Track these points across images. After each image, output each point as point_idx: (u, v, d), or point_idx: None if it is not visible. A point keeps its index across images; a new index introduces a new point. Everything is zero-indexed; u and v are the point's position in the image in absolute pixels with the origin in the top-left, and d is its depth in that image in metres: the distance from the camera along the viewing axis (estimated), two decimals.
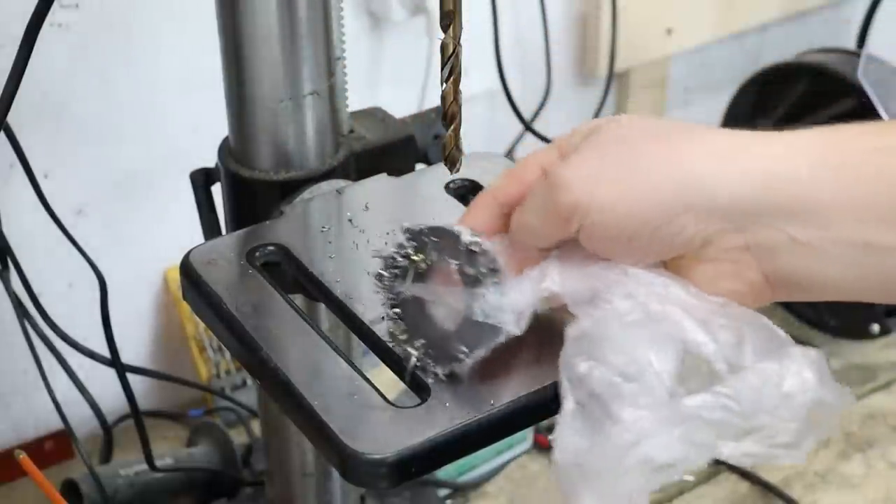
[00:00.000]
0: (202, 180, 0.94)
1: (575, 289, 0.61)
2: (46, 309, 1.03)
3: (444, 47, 0.64)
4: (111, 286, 1.03)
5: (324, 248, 0.78)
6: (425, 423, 0.62)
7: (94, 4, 1.18)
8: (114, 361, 1.04)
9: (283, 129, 0.85)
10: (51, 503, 0.94)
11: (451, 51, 0.64)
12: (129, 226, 1.30)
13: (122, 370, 1.04)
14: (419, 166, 0.95)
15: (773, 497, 1.26)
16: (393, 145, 0.93)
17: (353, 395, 0.64)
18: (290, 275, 0.77)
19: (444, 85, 0.65)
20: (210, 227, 0.95)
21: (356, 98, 0.93)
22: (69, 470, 1.21)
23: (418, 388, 0.65)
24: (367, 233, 0.79)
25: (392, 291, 0.66)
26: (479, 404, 0.64)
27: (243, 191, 0.87)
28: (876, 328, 1.45)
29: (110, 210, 1.28)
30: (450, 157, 0.67)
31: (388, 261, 0.66)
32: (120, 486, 1.13)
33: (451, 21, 0.63)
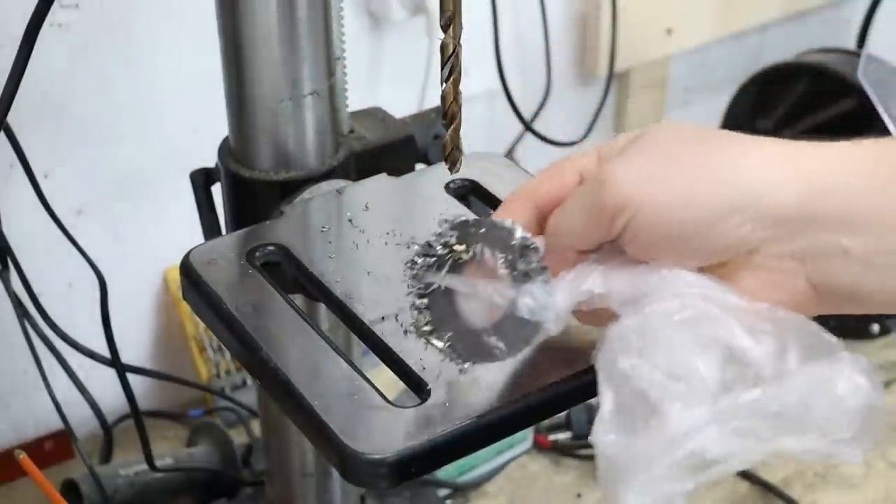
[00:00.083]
0: (202, 180, 0.94)
1: (621, 289, 0.60)
2: (46, 309, 1.03)
3: (444, 47, 0.64)
4: (111, 286, 1.03)
5: (324, 248, 0.78)
6: (425, 423, 0.62)
7: (94, 4, 1.18)
8: (114, 361, 1.04)
9: (283, 129, 0.85)
10: (51, 503, 0.94)
11: (451, 51, 0.64)
12: (129, 226, 1.30)
13: (122, 370, 1.04)
14: (419, 166, 0.95)
15: (773, 497, 1.26)
16: (393, 145, 0.93)
17: (353, 395, 0.64)
18: (290, 275, 0.77)
19: (444, 85, 0.65)
20: (210, 227, 0.95)
21: (356, 98, 0.93)
22: (69, 470, 1.21)
23: (418, 388, 0.65)
24: (367, 233, 0.79)
25: (422, 281, 0.63)
26: (479, 404, 0.64)
27: (243, 191, 0.87)
28: (876, 328, 1.45)
29: (110, 210, 1.28)
30: (450, 157, 0.67)
31: (425, 248, 0.64)
32: (120, 486, 1.13)
33: (451, 21, 0.63)
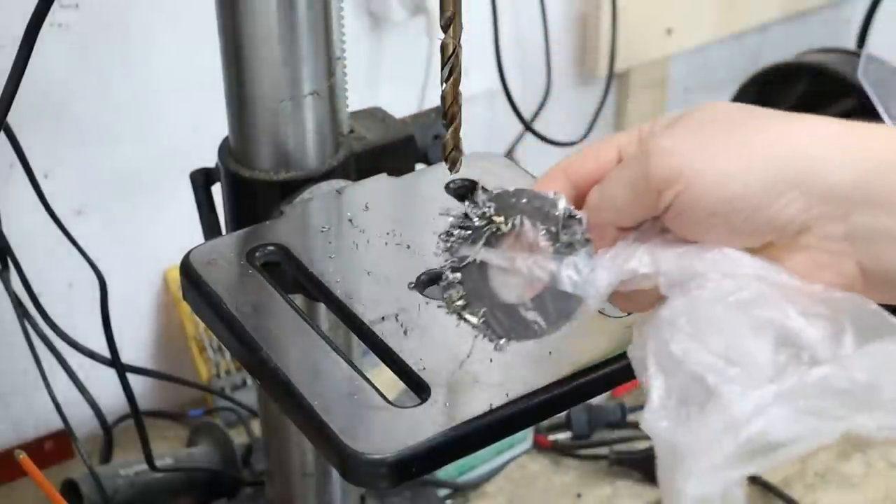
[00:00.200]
0: (202, 180, 0.94)
1: (668, 270, 0.57)
2: (46, 309, 1.03)
3: (444, 47, 0.64)
4: (111, 286, 1.03)
5: (324, 248, 0.78)
6: (425, 423, 0.62)
7: (94, 4, 1.18)
8: (114, 361, 1.04)
9: (283, 129, 0.85)
10: (51, 503, 0.94)
11: (451, 51, 0.64)
12: (128, 226, 1.30)
13: (122, 370, 1.04)
14: (419, 166, 0.95)
15: (773, 497, 1.26)
16: (393, 145, 0.93)
17: (353, 395, 0.64)
18: (290, 275, 0.77)
19: (444, 85, 0.65)
20: (210, 227, 0.95)
21: (356, 98, 0.93)
22: (69, 470, 1.21)
23: (418, 388, 0.65)
24: (367, 233, 0.79)
25: (456, 254, 0.61)
26: (479, 404, 0.64)
27: (243, 191, 0.87)
28: None
29: (110, 210, 1.28)
30: (450, 157, 0.67)
31: (461, 219, 0.61)
32: (120, 486, 1.13)
33: (451, 21, 0.63)
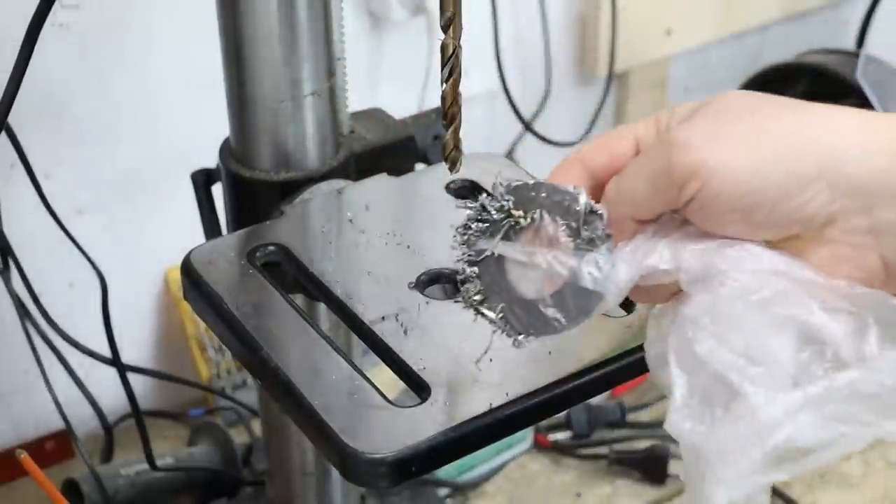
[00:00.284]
0: (203, 180, 0.94)
1: (690, 266, 0.55)
2: (47, 309, 1.03)
3: (444, 48, 0.64)
4: (112, 286, 1.03)
5: (324, 248, 0.78)
6: (425, 423, 0.62)
7: (95, 4, 1.18)
8: (114, 361, 1.04)
9: (284, 130, 0.85)
10: (52, 503, 0.94)
11: (451, 51, 0.64)
12: (129, 226, 1.30)
13: (122, 370, 1.04)
14: (419, 166, 0.95)
15: (773, 497, 1.26)
16: (393, 146, 0.93)
17: (353, 395, 0.64)
18: (290, 275, 0.77)
19: (444, 85, 0.65)
20: (211, 228, 0.95)
21: (356, 98, 0.93)
22: (70, 469, 1.21)
23: (418, 388, 0.65)
24: (367, 233, 0.79)
25: (473, 247, 0.60)
26: (479, 404, 0.64)
27: (244, 191, 0.87)
28: None
29: (111, 210, 1.28)
30: (450, 157, 0.67)
31: (479, 212, 0.60)
32: (121, 486, 1.13)
33: (451, 21, 0.63)
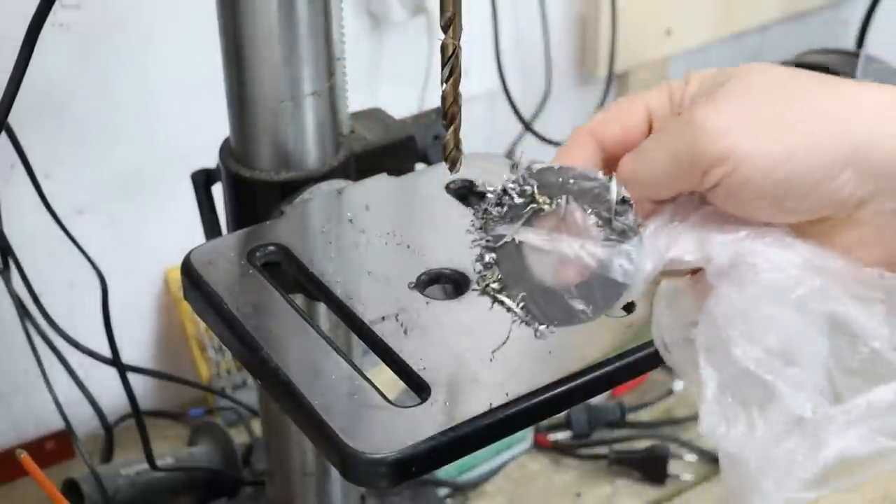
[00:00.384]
0: (203, 180, 0.94)
1: (720, 259, 0.53)
2: (47, 309, 1.03)
3: (444, 48, 0.64)
4: (112, 286, 1.03)
5: (324, 248, 0.78)
6: (425, 423, 0.62)
7: (96, 5, 1.18)
8: (115, 361, 1.04)
9: (284, 130, 0.85)
10: (52, 503, 0.94)
11: (451, 51, 0.64)
12: (129, 226, 1.30)
13: (122, 370, 1.04)
14: (419, 166, 0.95)
15: None
16: (393, 146, 0.93)
17: (353, 395, 0.64)
18: (290, 275, 0.77)
19: (444, 85, 0.65)
20: (211, 228, 0.95)
21: (356, 98, 0.93)
22: (70, 469, 1.21)
23: (418, 388, 0.65)
24: (367, 233, 0.79)
25: (491, 232, 0.58)
26: (479, 404, 0.64)
27: (244, 191, 0.87)
28: None
29: (111, 210, 1.28)
30: (450, 157, 0.67)
31: (500, 196, 0.58)
32: (121, 486, 1.13)
33: (451, 21, 0.63)
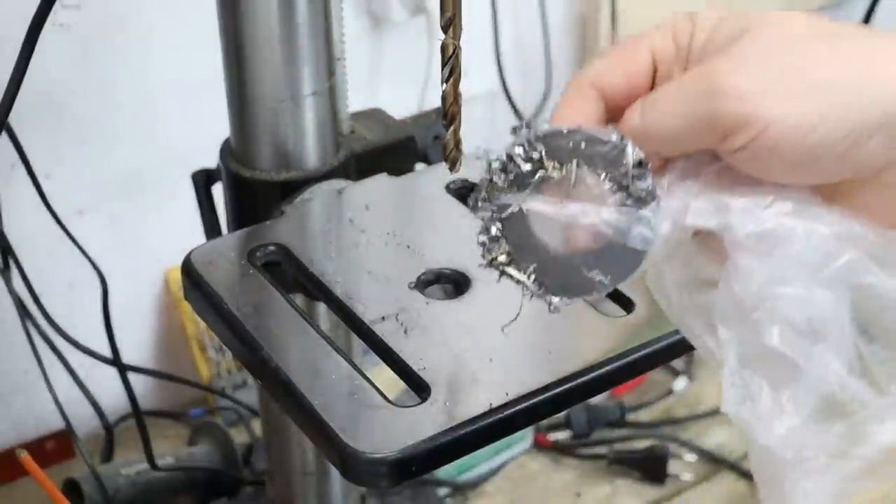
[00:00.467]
0: (203, 180, 0.94)
1: (740, 229, 0.50)
2: (48, 308, 1.03)
3: (444, 48, 0.64)
4: (112, 286, 1.03)
5: (324, 247, 0.78)
6: (425, 423, 0.62)
7: (96, 4, 1.18)
8: (115, 361, 1.04)
9: (284, 130, 0.85)
10: (52, 502, 0.94)
11: (452, 51, 0.64)
12: (130, 226, 1.30)
13: (123, 369, 1.04)
14: (419, 166, 0.95)
15: None
16: (393, 146, 0.93)
17: (353, 395, 0.65)
18: (290, 275, 0.77)
19: (444, 85, 0.65)
20: (211, 228, 0.95)
21: (356, 98, 0.93)
22: (70, 469, 1.21)
23: (418, 388, 0.65)
24: (367, 233, 0.79)
25: (496, 202, 0.54)
26: (479, 404, 0.64)
27: (244, 191, 0.87)
28: None
29: (111, 210, 1.28)
30: (450, 157, 0.67)
31: (505, 163, 0.54)
32: (121, 486, 1.13)
33: (451, 22, 0.63)
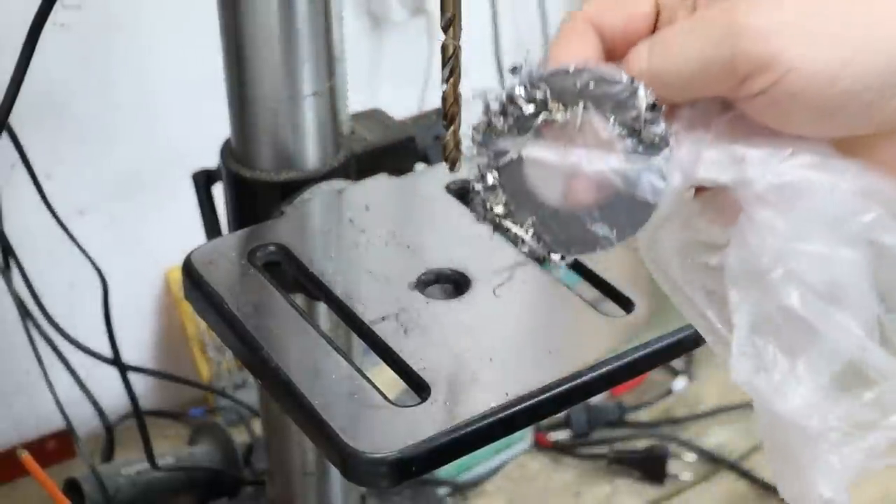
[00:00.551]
0: (203, 181, 0.94)
1: (756, 179, 0.47)
2: (48, 308, 1.03)
3: (444, 48, 0.64)
4: (112, 286, 1.03)
5: (324, 248, 0.79)
6: (425, 423, 0.63)
7: (96, 4, 1.18)
8: (115, 361, 1.04)
9: (284, 130, 0.85)
10: (53, 502, 0.95)
11: (452, 52, 0.64)
12: (130, 226, 1.30)
13: (123, 369, 1.04)
14: (419, 166, 0.95)
15: (772, 496, 1.26)
16: (393, 146, 0.93)
17: (353, 395, 0.65)
18: (290, 274, 0.77)
19: (444, 86, 0.65)
20: (211, 228, 0.95)
21: (356, 99, 0.93)
22: (71, 469, 1.21)
23: (418, 388, 0.65)
24: (367, 233, 0.79)
25: (492, 147, 0.50)
26: (479, 404, 0.64)
27: (244, 191, 0.87)
28: None
29: (112, 210, 1.28)
30: (450, 157, 0.67)
31: (505, 105, 0.49)
32: (122, 485, 1.13)
33: (451, 22, 0.64)
